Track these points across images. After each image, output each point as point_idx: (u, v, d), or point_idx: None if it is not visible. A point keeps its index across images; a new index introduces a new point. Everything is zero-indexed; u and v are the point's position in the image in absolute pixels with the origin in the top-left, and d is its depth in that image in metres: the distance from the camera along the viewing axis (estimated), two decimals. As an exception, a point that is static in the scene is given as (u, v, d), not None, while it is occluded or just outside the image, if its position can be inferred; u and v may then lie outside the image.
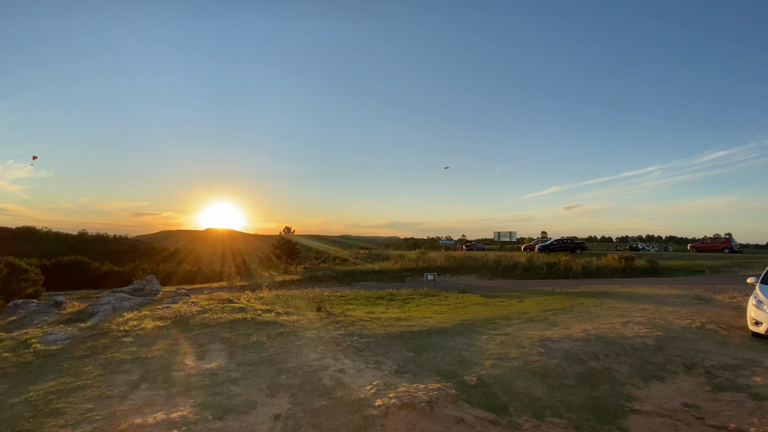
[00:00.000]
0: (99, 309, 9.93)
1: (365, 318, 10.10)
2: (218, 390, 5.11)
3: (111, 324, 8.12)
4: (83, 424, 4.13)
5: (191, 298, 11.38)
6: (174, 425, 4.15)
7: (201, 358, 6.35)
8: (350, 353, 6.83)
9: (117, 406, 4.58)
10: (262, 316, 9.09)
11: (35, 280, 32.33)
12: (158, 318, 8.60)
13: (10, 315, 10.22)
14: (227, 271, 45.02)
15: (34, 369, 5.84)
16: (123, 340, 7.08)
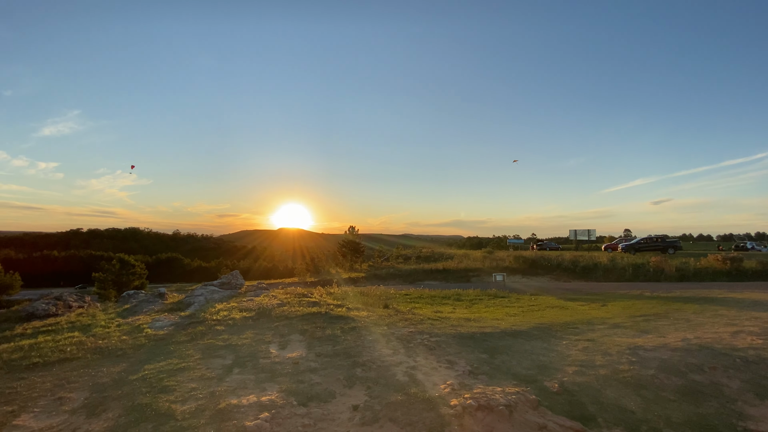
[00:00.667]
0: (194, 300, 11.15)
1: (433, 317, 10.03)
2: (300, 378, 5.43)
3: (205, 314, 9.07)
4: (189, 401, 4.66)
5: (270, 292, 12.27)
6: (264, 408, 4.51)
7: (283, 347, 6.81)
8: (421, 351, 6.83)
9: (215, 387, 5.10)
10: (335, 311, 9.48)
11: (141, 273, 37.37)
12: (244, 309, 9.41)
13: (125, 304, 11.92)
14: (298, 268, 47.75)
15: (147, 351, 6.74)
16: (216, 328, 7.87)
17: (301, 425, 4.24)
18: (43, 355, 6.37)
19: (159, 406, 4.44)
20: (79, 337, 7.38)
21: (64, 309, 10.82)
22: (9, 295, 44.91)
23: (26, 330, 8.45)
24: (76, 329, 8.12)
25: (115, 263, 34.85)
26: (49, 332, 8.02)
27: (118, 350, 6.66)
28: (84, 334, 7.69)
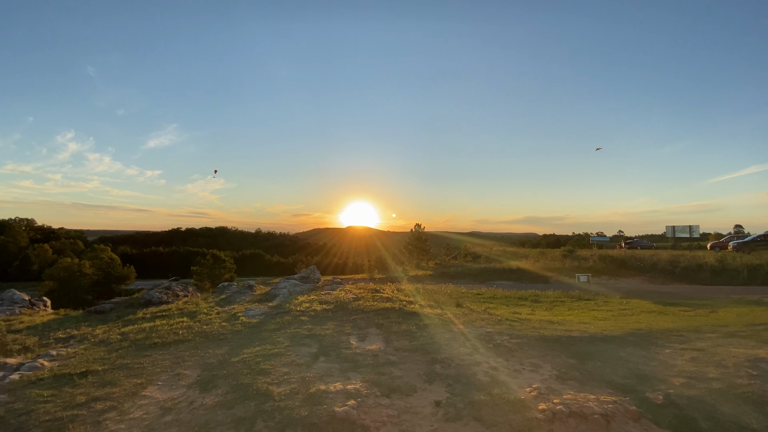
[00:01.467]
0: (279, 292, 12.06)
1: (511, 318, 9.62)
2: (381, 370, 5.59)
3: (290, 305, 9.77)
4: (284, 384, 5.06)
5: (345, 287, 12.79)
6: (350, 395, 4.73)
7: (362, 339, 7.07)
8: (502, 352, 6.60)
9: (305, 372, 5.47)
10: (408, 307, 9.57)
11: (230, 267, 41.46)
12: (323, 302, 9.95)
13: (221, 294, 13.29)
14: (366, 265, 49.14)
15: (244, 336, 7.45)
16: (301, 318, 8.43)
17: (386, 415, 4.36)
18: (161, 336, 7.39)
19: (259, 387, 4.89)
20: (188, 322, 8.42)
21: (173, 297, 12.45)
22: (126, 284, 52.93)
23: (146, 314, 9.87)
24: (185, 315, 9.28)
25: (209, 258, 39.26)
26: (163, 317, 9.28)
27: (220, 335, 7.47)
28: (191, 319, 8.76)
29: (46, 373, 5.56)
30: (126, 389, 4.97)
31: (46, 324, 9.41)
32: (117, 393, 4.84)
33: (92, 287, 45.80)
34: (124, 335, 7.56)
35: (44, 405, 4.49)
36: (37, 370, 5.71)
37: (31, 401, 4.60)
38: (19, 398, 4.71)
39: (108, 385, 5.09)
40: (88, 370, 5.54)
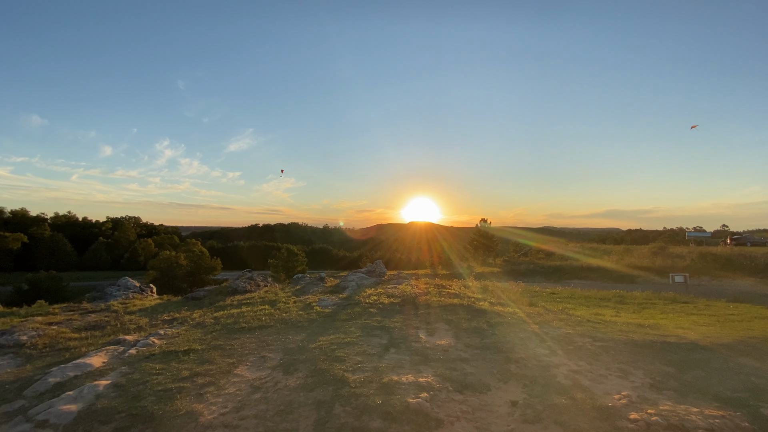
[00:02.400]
0: (348, 284, 12.53)
1: (593, 320, 8.90)
2: (452, 366, 5.54)
3: (359, 297, 10.10)
4: (358, 372, 5.26)
5: (411, 282, 12.87)
6: (422, 388, 4.76)
7: (431, 334, 7.06)
8: (584, 355, 6.14)
9: (377, 362, 5.62)
10: (477, 304, 9.33)
11: (302, 261, 44.02)
12: (391, 296, 10.11)
13: (295, 285, 14.17)
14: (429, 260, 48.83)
15: (319, 325, 7.87)
16: (370, 310, 8.67)
17: (459, 411, 4.32)
18: (247, 322, 8.11)
19: (335, 373, 5.14)
20: (269, 310, 9.13)
21: (255, 287, 13.62)
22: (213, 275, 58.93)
23: (233, 302, 10.92)
24: (266, 303, 10.08)
25: (284, 252, 42.19)
26: (248, 304, 10.18)
27: (298, 322, 7.98)
28: (272, 307, 9.49)
29: (157, 349, 6.42)
30: (221, 367, 5.55)
31: (154, 307, 10.86)
32: (214, 370, 5.43)
33: (186, 276, 51.81)
34: (216, 319, 8.43)
35: (156, 377, 5.19)
36: (149, 347, 6.61)
37: (146, 373, 5.35)
38: (137, 370, 5.50)
39: (206, 362, 5.72)
40: (189, 349, 6.28)
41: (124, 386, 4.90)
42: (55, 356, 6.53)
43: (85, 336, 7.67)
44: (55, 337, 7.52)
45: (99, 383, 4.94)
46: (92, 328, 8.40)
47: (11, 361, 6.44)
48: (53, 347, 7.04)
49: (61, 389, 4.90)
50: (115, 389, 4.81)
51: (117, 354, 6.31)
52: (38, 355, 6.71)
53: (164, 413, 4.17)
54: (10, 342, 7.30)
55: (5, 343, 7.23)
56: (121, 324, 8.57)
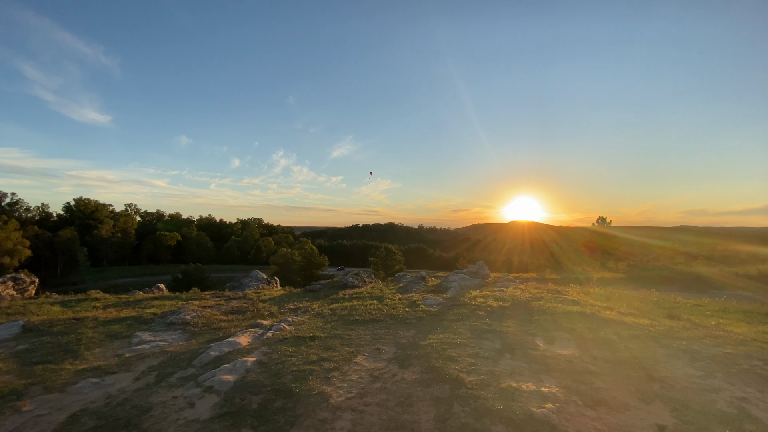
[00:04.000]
0: (450, 285, 12.42)
1: (761, 339, 7.19)
2: (580, 378, 5.06)
3: (464, 298, 9.92)
4: (473, 374, 5.17)
5: (519, 285, 12.14)
6: (546, 398, 4.45)
7: (550, 342, 6.56)
8: (752, 380, 5.02)
9: (492, 366, 5.45)
10: (602, 313, 8.35)
11: (400, 259, 45.21)
12: (498, 299, 9.70)
13: (398, 282, 14.58)
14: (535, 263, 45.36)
15: (426, 323, 7.97)
16: (478, 313, 8.45)
17: (593, 428, 3.92)
18: (360, 315, 8.64)
19: (449, 372, 5.15)
20: (378, 305, 9.58)
21: (361, 282, 14.46)
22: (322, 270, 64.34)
23: (345, 295, 11.75)
24: (374, 299, 10.60)
25: (383, 251, 44.00)
26: (358, 299, 10.84)
27: (406, 319, 8.21)
28: (380, 302, 9.94)
29: (288, 334, 7.26)
30: (342, 355, 6.01)
31: (280, 297, 12.31)
32: (337, 357, 5.92)
33: (300, 271, 57.66)
34: (333, 311, 9.18)
35: (290, 358, 5.87)
36: (281, 332, 7.52)
37: (282, 354, 6.09)
38: (274, 351, 6.30)
39: (329, 349, 6.27)
40: (314, 336, 6.97)
41: (266, 364, 5.66)
42: (212, 334, 7.88)
43: (231, 319, 9.09)
44: (209, 318, 9.08)
45: (247, 359, 5.81)
46: (235, 312, 9.91)
47: (181, 336, 7.99)
48: (209, 326, 8.51)
49: (219, 362, 5.90)
50: (260, 366, 5.60)
51: (257, 336, 7.33)
52: (199, 332, 8.18)
53: (300, 391, 4.70)
54: (179, 320, 9.05)
55: (175, 321, 9.00)
56: (257, 310, 9.93)
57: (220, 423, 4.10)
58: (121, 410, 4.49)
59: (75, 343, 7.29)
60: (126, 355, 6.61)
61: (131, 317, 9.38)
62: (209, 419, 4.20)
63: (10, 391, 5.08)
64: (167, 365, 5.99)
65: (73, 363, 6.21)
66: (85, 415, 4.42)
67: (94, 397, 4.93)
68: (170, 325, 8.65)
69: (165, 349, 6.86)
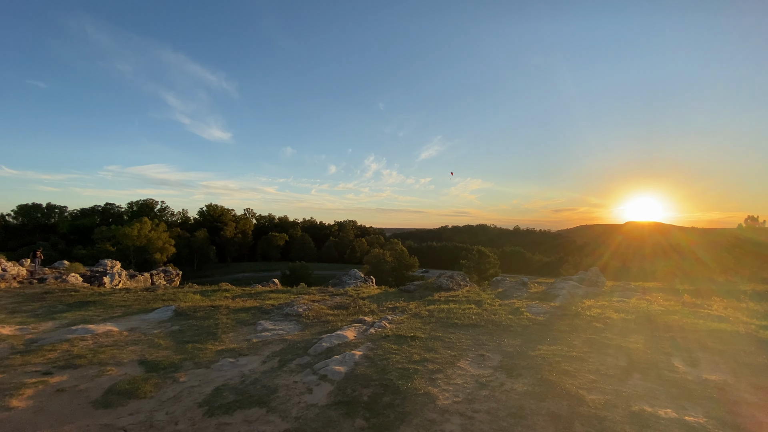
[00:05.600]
0: (558, 292, 11.40)
1: None
2: (734, 409, 4.19)
3: (576, 308, 9.02)
4: (595, 392, 4.65)
5: (645, 296, 10.58)
6: (693, 429, 3.78)
7: (692, 365, 5.56)
8: None
9: (618, 386, 4.83)
10: (761, 333, 6.78)
11: (494, 263, 43.18)
12: (620, 311, 8.58)
13: (496, 287, 13.92)
14: (661, 270, 39.05)
15: (533, 332, 7.44)
16: (595, 325, 7.60)
17: (765, 476, 3.19)
18: (458, 318, 8.48)
19: (566, 387, 4.72)
20: (476, 310, 9.28)
21: (456, 285, 14.19)
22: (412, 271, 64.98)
23: (440, 297, 11.67)
24: (471, 303, 10.31)
25: (475, 253, 42.56)
26: (454, 302, 10.66)
27: (509, 326, 7.79)
28: (478, 307, 9.62)
29: (389, 332, 7.49)
30: (445, 358, 5.97)
31: (378, 296, 12.78)
32: (439, 359, 5.90)
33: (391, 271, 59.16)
34: (430, 312, 9.19)
35: (394, 356, 6.04)
36: (383, 329, 7.79)
37: (386, 351, 6.30)
38: (378, 347, 6.54)
39: (431, 351, 6.28)
40: (415, 336, 7.06)
41: (373, 359, 5.92)
42: (321, 326, 8.55)
43: (337, 313, 9.74)
44: (318, 312, 9.87)
45: (355, 353, 6.15)
46: (339, 307, 10.60)
47: (295, 326, 8.83)
48: (318, 319, 9.25)
49: (330, 353, 6.36)
50: (367, 360, 5.88)
51: (361, 331, 7.72)
52: (310, 323, 8.95)
53: (407, 389, 4.80)
54: (292, 312, 10.02)
55: (290, 313, 9.99)
56: (358, 307, 10.47)
57: (336, 410, 4.41)
58: (254, 389, 5.14)
59: (214, 327, 8.60)
60: (253, 340, 7.57)
61: (254, 307, 10.71)
62: (326, 406, 4.55)
63: (170, 364, 6.21)
64: (287, 352, 6.68)
65: (214, 344, 7.33)
66: (226, 390, 5.16)
67: (231, 375, 5.74)
68: (286, 316, 9.64)
69: (284, 338, 7.66)
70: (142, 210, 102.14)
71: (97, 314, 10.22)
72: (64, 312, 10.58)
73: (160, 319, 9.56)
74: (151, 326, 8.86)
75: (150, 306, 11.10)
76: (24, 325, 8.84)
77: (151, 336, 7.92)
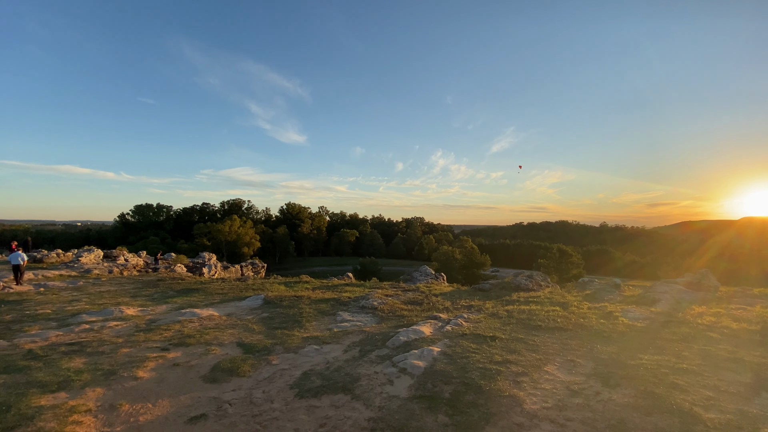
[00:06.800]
0: (658, 296, 10.13)
1: None
2: None
3: (684, 315, 7.93)
4: (712, 410, 4.05)
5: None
6: None
7: None
8: None
9: (743, 405, 4.14)
10: None
11: (577, 263, 39.89)
12: (740, 320, 7.35)
13: (583, 289, 12.81)
14: (791, 276, 32.51)
15: (632, 339, 6.70)
16: (709, 335, 6.61)
17: None
18: (542, 320, 7.97)
19: (677, 403, 4.17)
20: (562, 312, 8.64)
21: (536, 286, 13.36)
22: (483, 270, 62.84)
23: (519, 298, 11.09)
24: (556, 305, 9.62)
25: (555, 252, 39.58)
26: (536, 303, 10.05)
27: (602, 331, 7.11)
28: (564, 310, 8.94)
29: (466, 330, 7.33)
30: (529, 361, 5.66)
31: (451, 293, 12.59)
32: (523, 361, 5.61)
33: (461, 269, 57.91)
34: (509, 313, 8.79)
35: (474, 355, 5.89)
36: (460, 327, 7.64)
37: (465, 349, 6.17)
38: (456, 345, 6.44)
39: (513, 352, 6.01)
40: (495, 336, 6.81)
41: (452, 356, 5.85)
42: (397, 320, 8.69)
43: (411, 309, 9.81)
44: (392, 306, 10.04)
45: (432, 349, 6.13)
46: (412, 303, 10.66)
47: (372, 319, 9.09)
48: (393, 313, 9.41)
49: (408, 347, 6.42)
50: (446, 357, 5.82)
51: (437, 328, 7.68)
52: (386, 317, 9.14)
53: (490, 390, 4.65)
54: (368, 305, 10.32)
55: (366, 306, 10.31)
56: (432, 303, 10.42)
57: (418, 404, 4.44)
58: (338, 375, 5.40)
59: (298, 315, 9.23)
60: (334, 329, 7.96)
61: (333, 299, 11.26)
62: (407, 398, 4.61)
63: (263, 347, 6.81)
64: (366, 343, 6.91)
65: (299, 331, 7.87)
66: (313, 375, 5.50)
67: (317, 361, 6.11)
68: (362, 309, 9.97)
69: (362, 329, 7.94)
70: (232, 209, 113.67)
71: (200, 300, 11.61)
72: (174, 297, 12.20)
73: (252, 306, 10.53)
74: (245, 312, 9.81)
75: (242, 294, 12.28)
76: (144, 308, 10.38)
77: (246, 321, 8.77)
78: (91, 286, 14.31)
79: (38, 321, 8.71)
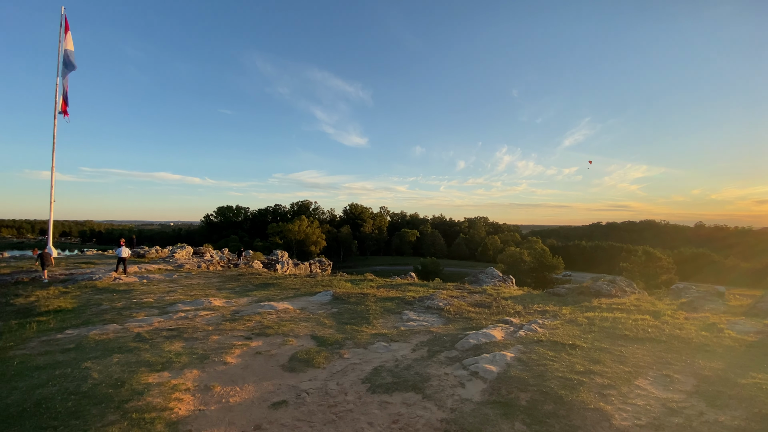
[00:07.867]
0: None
1: None
2: None
3: (815, 331, 6.66)
4: None
5: None
6: None
7: None
8: None
9: None
10: None
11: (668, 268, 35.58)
12: None
13: (677, 297, 11.38)
14: None
15: (741, 356, 5.82)
16: None
17: None
18: (629, 330, 7.24)
19: (813, 436, 3.52)
20: (652, 321, 7.77)
21: (620, 292, 12.15)
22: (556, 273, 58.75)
23: (600, 304, 10.19)
24: (645, 313, 8.67)
25: (641, 255, 35.62)
26: (620, 310, 9.16)
27: (704, 345, 6.26)
28: (655, 319, 8.03)
29: (542, 336, 6.92)
30: (616, 372, 5.18)
31: (522, 297, 11.98)
32: (609, 373, 5.15)
33: (530, 272, 54.82)
34: (589, 320, 8.12)
35: (552, 363, 5.54)
36: (534, 333, 7.24)
37: (540, 356, 5.83)
38: (532, 351, 6.11)
39: (597, 363, 5.54)
40: (575, 344, 6.34)
41: (527, 363, 5.56)
42: (464, 323, 8.50)
43: (479, 311, 9.53)
44: (459, 308, 9.84)
45: (505, 354, 5.89)
46: (480, 305, 10.34)
47: (438, 319, 9.00)
48: (460, 315, 9.22)
49: (479, 350, 6.25)
50: (520, 363, 5.56)
51: (509, 332, 7.36)
52: (452, 318, 8.98)
53: (573, 401, 4.33)
54: (434, 305, 10.23)
55: (432, 306, 10.23)
56: (501, 307, 10.01)
57: (492, 410, 4.30)
58: (408, 374, 5.44)
59: (365, 312, 9.47)
60: (401, 328, 8.03)
61: (397, 298, 11.37)
62: (481, 403, 4.48)
63: (335, 341, 7.09)
64: (434, 343, 6.86)
65: (368, 327, 8.07)
66: (384, 371, 5.60)
67: (386, 357, 6.21)
68: (428, 309, 9.93)
69: (429, 329, 7.90)
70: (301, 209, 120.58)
71: (276, 294, 12.45)
72: (253, 291, 13.24)
73: (322, 302, 11.04)
74: (316, 307, 10.31)
75: (313, 290, 12.94)
76: (228, 299, 11.40)
77: (317, 315, 9.22)
78: (184, 279, 16.11)
79: (143, 308, 10.02)
